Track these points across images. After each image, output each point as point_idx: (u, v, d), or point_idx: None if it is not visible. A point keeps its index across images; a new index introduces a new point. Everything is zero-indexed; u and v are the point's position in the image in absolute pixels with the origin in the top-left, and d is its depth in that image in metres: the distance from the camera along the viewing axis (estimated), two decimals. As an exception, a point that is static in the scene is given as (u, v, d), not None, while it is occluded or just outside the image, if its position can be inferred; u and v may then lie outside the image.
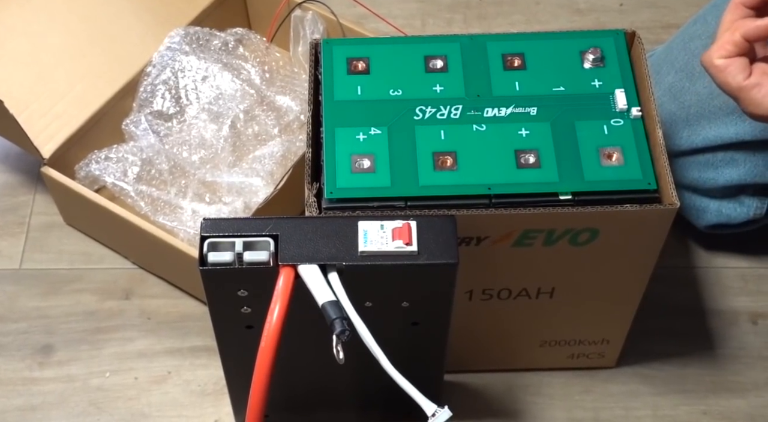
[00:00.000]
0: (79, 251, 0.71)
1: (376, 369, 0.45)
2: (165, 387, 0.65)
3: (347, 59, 0.54)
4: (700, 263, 0.70)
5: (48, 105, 0.70)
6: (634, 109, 0.52)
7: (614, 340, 0.62)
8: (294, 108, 0.73)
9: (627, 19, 0.85)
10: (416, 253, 0.45)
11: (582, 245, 0.52)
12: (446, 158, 0.50)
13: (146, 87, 0.72)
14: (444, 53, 0.54)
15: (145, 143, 0.70)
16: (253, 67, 0.75)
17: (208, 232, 0.46)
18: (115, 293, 0.69)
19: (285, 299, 0.44)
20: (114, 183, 0.69)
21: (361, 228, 0.46)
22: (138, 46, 0.73)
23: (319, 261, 0.45)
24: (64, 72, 0.71)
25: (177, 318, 0.68)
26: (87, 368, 0.65)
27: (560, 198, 0.50)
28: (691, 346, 0.67)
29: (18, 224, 0.72)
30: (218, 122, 0.72)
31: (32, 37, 0.73)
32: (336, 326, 0.43)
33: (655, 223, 0.51)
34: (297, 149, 0.70)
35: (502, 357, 0.63)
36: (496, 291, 0.56)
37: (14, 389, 0.64)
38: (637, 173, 0.50)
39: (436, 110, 0.52)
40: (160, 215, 0.68)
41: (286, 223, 0.46)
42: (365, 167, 0.50)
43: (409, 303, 0.49)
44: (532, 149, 0.51)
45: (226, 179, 0.69)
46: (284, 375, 0.46)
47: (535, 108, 0.52)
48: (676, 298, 0.69)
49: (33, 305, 0.68)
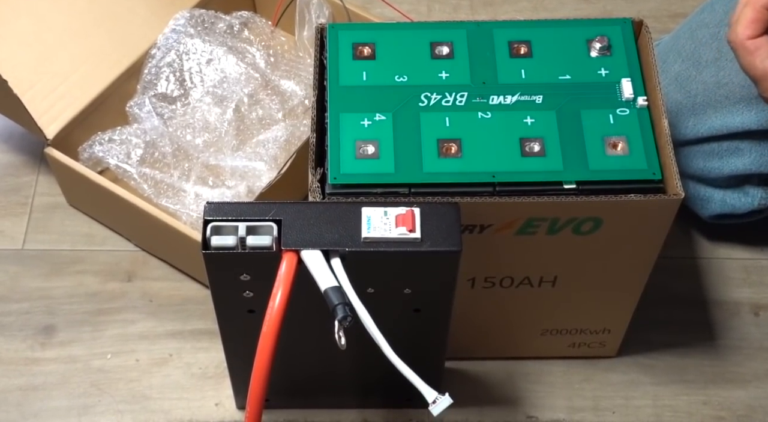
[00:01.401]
0: (81, 232, 0.71)
1: (377, 355, 0.45)
2: (166, 370, 0.65)
3: (353, 44, 0.54)
4: (703, 254, 0.70)
5: (52, 86, 0.70)
6: (640, 98, 0.52)
7: (615, 330, 0.62)
8: (298, 93, 0.73)
9: (634, 7, 0.85)
10: (419, 240, 0.45)
11: (585, 234, 0.52)
12: (451, 145, 0.50)
13: (151, 69, 0.72)
14: (450, 40, 0.54)
15: (148, 126, 0.70)
16: (258, 51, 0.75)
17: (212, 216, 0.46)
18: (117, 275, 0.69)
19: (287, 284, 0.44)
20: (117, 165, 0.69)
21: (365, 214, 0.46)
22: (143, 28, 0.73)
23: (322, 247, 0.45)
24: (69, 53, 0.71)
25: (179, 300, 0.68)
26: (89, 349, 0.65)
27: (564, 187, 0.49)
28: (692, 336, 0.67)
29: (21, 204, 0.72)
30: (222, 106, 0.72)
31: (37, 17, 0.73)
32: (338, 312, 0.43)
33: (659, 213, 0.51)
34: (301, 134, 0.70)
35: (503, 345, 0.64)
36: (498, 279, 0.56)
37: (16, 369, 0.65)
38: (642, 162, 0.50)
39: (441, 97, 0.52)
40: (163, 197, 0.68)
41: (289, 208, 0.46)
42: (369, 153, 0.50)
43: (411, 290, 0.49)
44: (537, 137, 0.50)
45: (229, 162, 0.69)
46: (285, 360, 0.46)
47: (540, 96, 0.52)
48: (679, 288, 0.69)
49: (35, 286, 0.68)
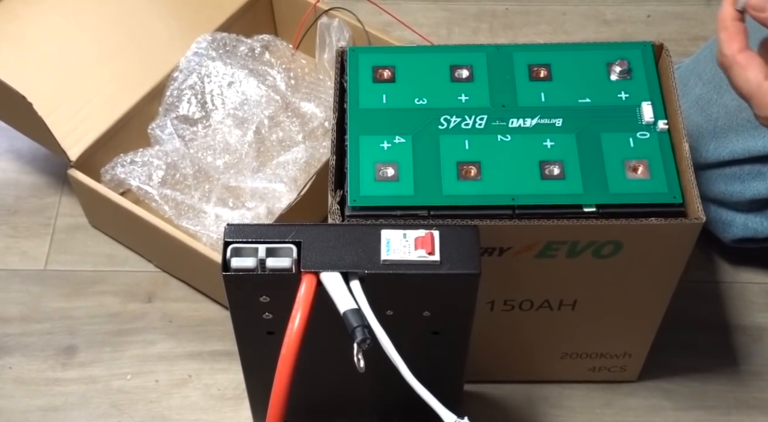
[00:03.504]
0: (103, 253, 0.72)
1: (395, 377, 0.44)
2: (185, 391, 0.65)
3: (373, 67, 0.54)
4: (725, 278, 0.70)
5: (76, 108, 0.71)
6: (661, 122, 0.51)
7: (636, 354, 0.62)
8: (318, 114, 0.74)
9: (654, 30, 0.85)
10: (438, 263, 0.45)
11: (605, 257, 0.51)
12: (470, 167, 0.50)
13: (173, 91, 0.73)
14: (470, 63, 0.54)
15: (170, 147, 0.71)
16: (278, 73, 0.75)
17: (232, 237, 0.46)
18: (137, 296, 0.69)
19: (306, 306, 0.44)
20: (139, 186, 0.70)
21: (384, 237, 0.46)
22: (165, 52, 0.73)
23: (342, 269, 0.45)
24: (92, 75, 0.72)
25: (198, 321, 0.68)
26: (109, 370, 0.66)
27: (584, 210, 0.49)
28: (714, 361, 0.66)
29: (44, 225, 0.73)
30: (243, 128, 0.72)
31: (62, 40, 0.74)
32: (357, 334, 0.43)
33: (680, 237, 0.50)
34: (321, 156, 0.71)
35: (522, 368, 0.63)
36: (517, 302, 0.56)
37: (37, 389, 0.65)
38: (662, 186, 0.50)
39: (460, 120, 0.52)
40: (184, 219, 0.68)
41: (309, 230, 0.46)
42: (389, 176, 0.50)
43: (430, 313, 0.49)
44: (556, 160, 0.50)
45: (249, 184, 0.70)
46: (304, 381, 0.46)
47: (560, 119, 0.52)
48: (700, 312, 0.68)
49: (57, 306, 0.69)
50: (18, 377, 0.65)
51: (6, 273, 0.70)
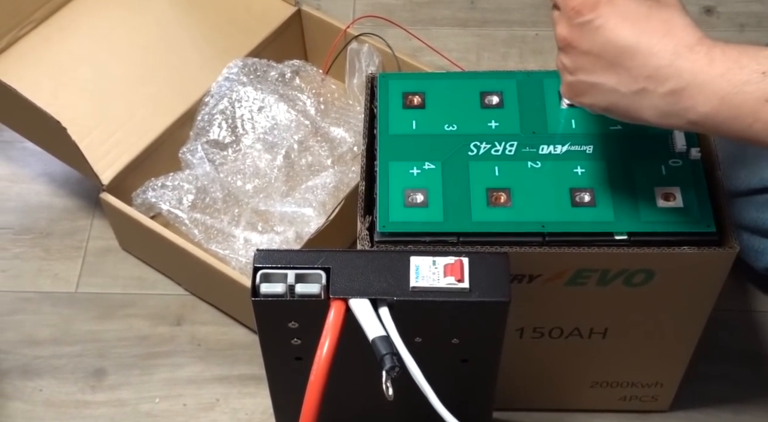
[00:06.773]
0: (133, 276, 0.72)
1: (423, 404, 0.44)
2: (213, 415, 0.65)
3: (403, 94, 0.54)
4: (759, 307, 0.69)
5: (108, 132, 0.71)
6: (694, 150, 0.51)
7: (668, 383, 0.61)
8: (348, 139, 0.74)
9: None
10: (468, 290, 0.45)
11: (637, 286, 0.51)
12: (500, 194, 0.50)
13: (204, 116, 0.73)
14: (500, 89, 0.54)
15: (200, 172, 0.72)
16: (308, 99, 0.76)
17: (261, 263, 0.46)
18: (166, 319, 0.70)
19: (335, 332, 0.44)
20: (169, 210, 0.70)
21: (413, 263, 0.46)
22: (197, 77, 0.74)
23: (371, 296, 0.45)
24: (125, 101, 0.73)
25: (226, 345, 0.68)
26: (137, 393, 0.66)
27: (615, 238, 0.49)
28: (747, 392, 0.65)
29: (76, 248, 0.74)
30: (272, 152, 0.73)
31: (95, 66, 0.75)
32: (386, 362, 0.43)
33: (713, 266, 0.50)
34: (349, 181, 0.71)
35: (551, 397, 0.62)
36: (547, 330, 0.55)
37: (66, 412, 0.65)
38: (695, 214, 0.49)
39: (490, 146, 0.52)
40: (213, 243, 0.69)
41: (338, 256, 0.46)
42: (418, 202, 0.50)
43: (459, 340, 0.48)
44: (587, 187, 0.50)
45: (278, 208, 0.70)
46: (331, 406, 0.46)
47: (591, 146, 0.52)
48: (733, 342, 0.67)
49: (87, 329, 0.69)
50: (48, 399, 0.66)
51: (38, 296, 0.71)
